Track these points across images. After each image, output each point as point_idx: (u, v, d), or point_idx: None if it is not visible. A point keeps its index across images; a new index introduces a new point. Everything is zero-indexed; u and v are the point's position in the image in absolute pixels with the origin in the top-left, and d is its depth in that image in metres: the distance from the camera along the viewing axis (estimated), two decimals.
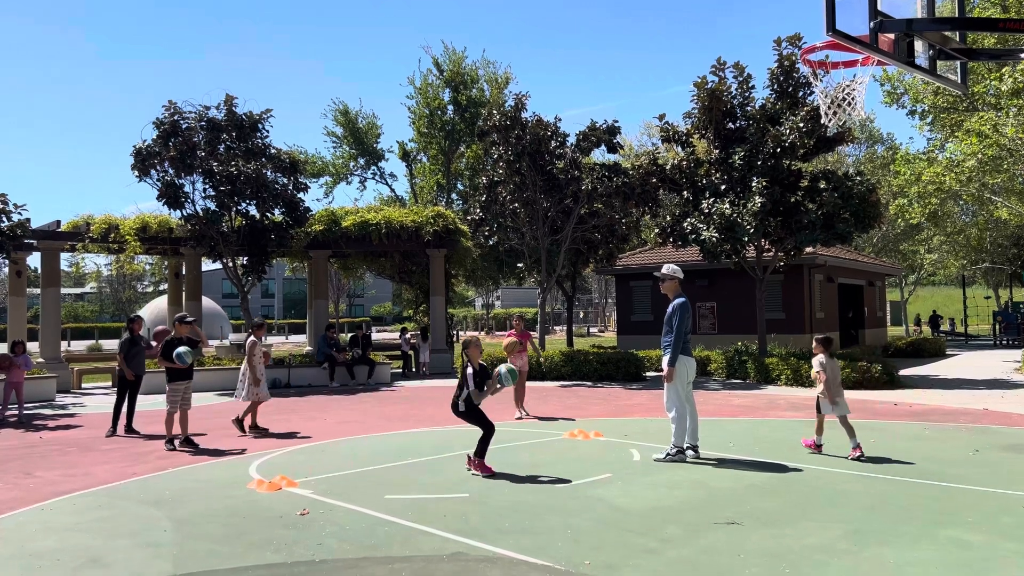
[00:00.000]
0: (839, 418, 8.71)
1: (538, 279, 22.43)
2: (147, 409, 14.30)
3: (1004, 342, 34.50)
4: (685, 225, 18.62)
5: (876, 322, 32.55)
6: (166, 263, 27.09)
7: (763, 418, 12.07)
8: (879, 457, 8.61)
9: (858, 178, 17.87)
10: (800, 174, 18.16)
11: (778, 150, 17.60)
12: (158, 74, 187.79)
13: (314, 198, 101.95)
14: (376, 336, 39.84)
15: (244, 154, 19.46)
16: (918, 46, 5.51)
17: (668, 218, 19.42)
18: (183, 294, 23.61)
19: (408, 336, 24.66)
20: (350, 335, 22.25)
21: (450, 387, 18.43)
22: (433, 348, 22.97)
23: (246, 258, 20.65)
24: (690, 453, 8.63)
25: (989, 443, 9.42)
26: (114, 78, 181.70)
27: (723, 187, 18.33)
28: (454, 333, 36.45)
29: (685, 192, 19.25)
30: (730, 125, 18.86)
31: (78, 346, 44.87)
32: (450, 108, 39.25)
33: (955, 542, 5.47)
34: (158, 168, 19.07)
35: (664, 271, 8.79)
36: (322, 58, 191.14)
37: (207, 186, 19.41)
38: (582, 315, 70.46)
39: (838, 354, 18.30)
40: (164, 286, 44.56)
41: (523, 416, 12.55)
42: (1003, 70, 19.12)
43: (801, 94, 18.24)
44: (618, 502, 6.80)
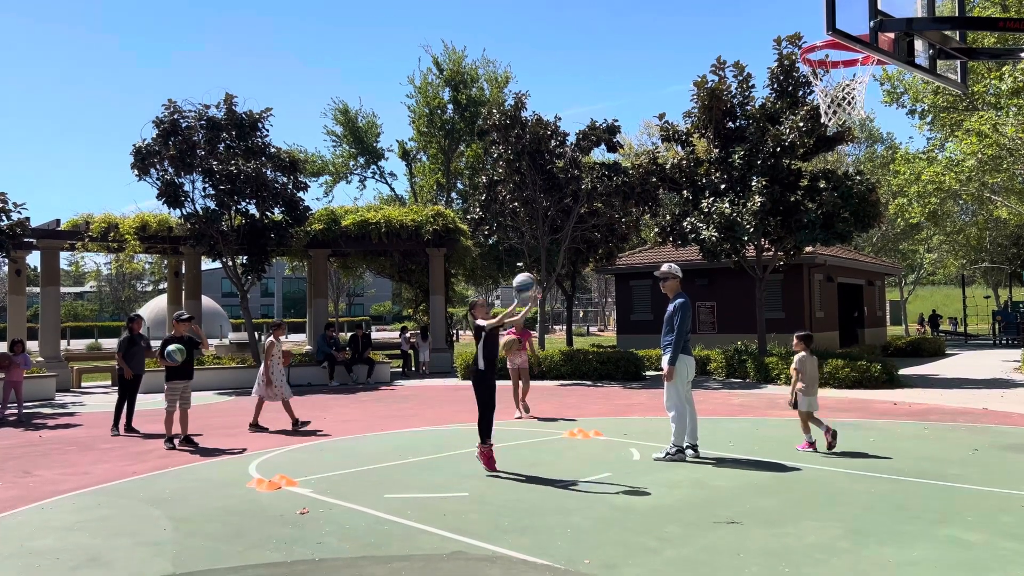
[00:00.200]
0: (803, 412, 9.01)
1: (538, 278, 22.42)
2: (147, 408, 14.31)
3: (1003, 341, 34.51)
4: (685, 224, 18.62)
5: (875, 321, 32.56)
6: (166, 262, 27.11)
7: (763, 417, 12.07)
8: (880, 456, 8.62)
9: (858, 177, 17.87)
10: (800, 173, 18.17)
11: (778, 149, 17.61)
12: (158, 72, 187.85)
13: (314, 197, 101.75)
14: (376, 335, 39.89)
15: (244, 153, 19.47)
16: (918, 45, 5.51)
17: (668, 217, 19.43)
18: (183, 293, 23.61)
19: (408, 335, 24.67)
20: (350, 335, 22.24)
21: (450, 386, 18.52)
22: (433, 347, 22.98)
23: (246, 257, 20.66)
24: (690, 452, 8.63)
25: (989, 442, 9.42)
26: (114, 77, 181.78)
27: (723, 186, 18.33)
28: (454, 332, 36.48)
29: (685, 191, 19.26)
30: (730, 124, 18.87)
31: (77, 345, 44.87)
32: (450, 107, 39.23)
33: (954, 541, 5.48)
34: (158, 167, 19.08)
35: (664, 270, 8.77)
36: (322, 57, 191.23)
37: (207, 185, 19.42)
38: (582, 314, 70.47)
39: (837, 353, 18.36)
40: (164, 285, 44.57)
41: (522, 415, 12.55)
42: (1003, 69, 19.12)
43: (801, 93, 18.25)
44: (618, 501, 6.80)
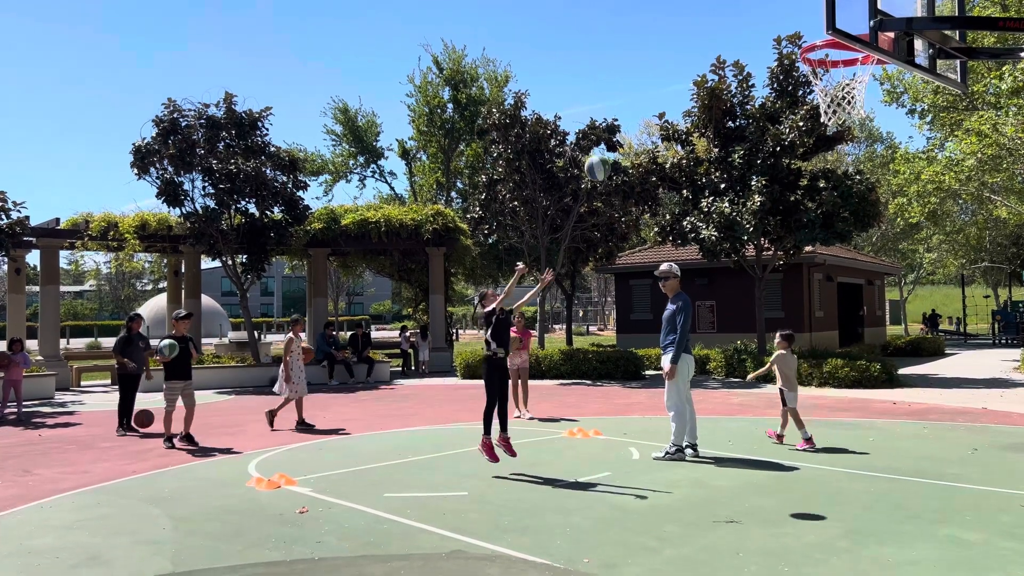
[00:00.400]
0: (789, 409, 9.35)
1: (537, 277, 22.42)
2: (148, 407, 14.29)
3: (1003, 341, 34.52)
4: (684, 224, 18.62)
5: (875, 321, 32.58)
6: (165, 261, 27.10)
7: (762, 417, 12.07)
8: (879, 456, 8.62)
9: (857, 177, 17.88)
10: (800, 173, 18.17)
11: (778, 149, 17.61)
12: (158, 71, 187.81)
13: (313, 196, 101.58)
14: (375, 334, 39.88)
15: (243, 152, 19.46)
16: (918, 45, 5.50)
17: (668, 217, 19.43)
18: (182, 292, 23.61)
19: (408, 335, 24.68)
20: (350, 334, 22.25)
21: (450, 386, 18.51)
22: (433, 346, 22.97)
23: (245, 256, 20.65)
24: (689, 452, 8.64)
25: (988, 442, 9.43)
26: (114, 75, 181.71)
27: (723, 186, 18.33)
28: (453, 332, 36.47)
29: (685, 191, 19.25)
30: (730, 124, 18.87)
31: (77, 344, 44.86)
32: (449, 106, 39.20)
33: (954, 541, 5.48)
34: (157, 166, 19.08)
35: (664, 270, 8.74)
36: (321, 56, 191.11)
37: (206, 184, 19.42)
38: (581, 314, 70.44)
39: (837, 352, 18.37)
40: (163, 284, 44.57)
41: (521, 415, 12.54)
42: (1003, 69, 19.12)
43: (801, 93, 18.25)
44: (617, 501, 6.80)
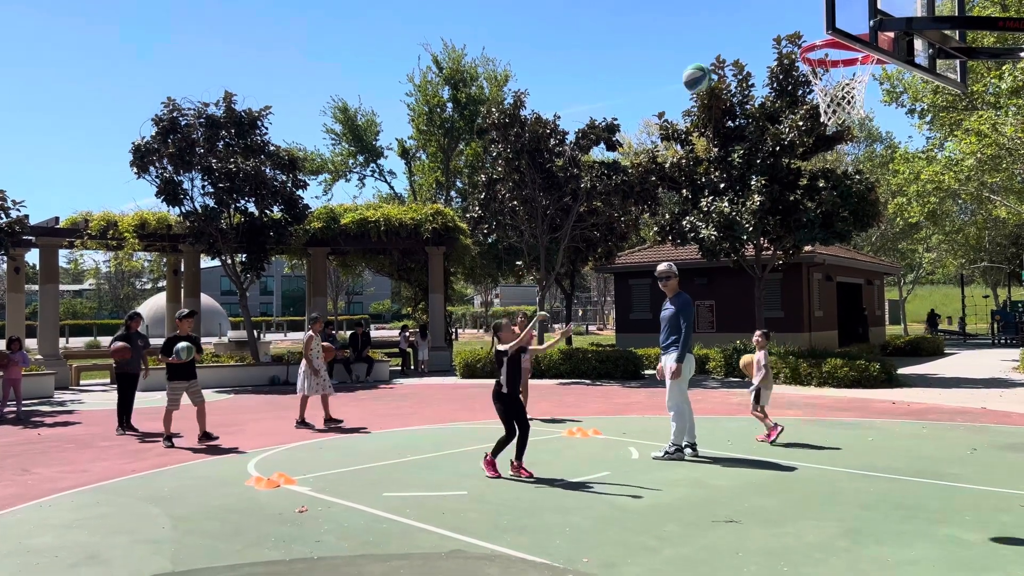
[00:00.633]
0: (761, 407, 9.67)
1: (537, 277, 22.42)
2: (145, 406, 14.30)
3: (1002, 341, 34.53)
4: (684, 223, 18.62)
5: (874, 321, 32.59)
6: (165, 260, 27.10)
7: None
8: (878, 456, 8.63)
9: (857, 177, 17.88)
10: (799, 173, 18.17)
11: (777, 148, 17.62)
12: (158, 68, 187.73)
13: (313, 195, 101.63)
14: (375, 334, 39.88)
15: (243, 151, 19.46)
16: (918, 45, 5.50)
17: (667, 216, 19.43)
18: (181, 291, 23.61)
19: (407, 334, 24.68)
20: (350, 333, 22.25)
21: (449, 385, 18.51)
22: (432, 346, 22.97)
23: (245, 255, 20.65)
24: (688, 451, 8.64)
25: (987, 442, 9.43)
26: (114, 73, 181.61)
27: (722, 185, 18.34)
28: (453, 331, 36.48)
29: (684, 190, 19.26)
30: (729, 123, 18.87)
31: (76, 343, 44.84)
32: (449, 106, 39.19)
33: (953, 541, 5.48)
34: (157, 165, 19.06)
35: (666, 269, 8.71)
36: (321, 54, 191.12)
37: (206, 183, 19.41)
38: (581, 313, 70.47)
39: (836, 352, 18.38)
40: (163, 283, 44.56)
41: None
42: (1003, 69, 19.12)
43: (800, 92, 18.25)
44: (617, 500, 6.80)
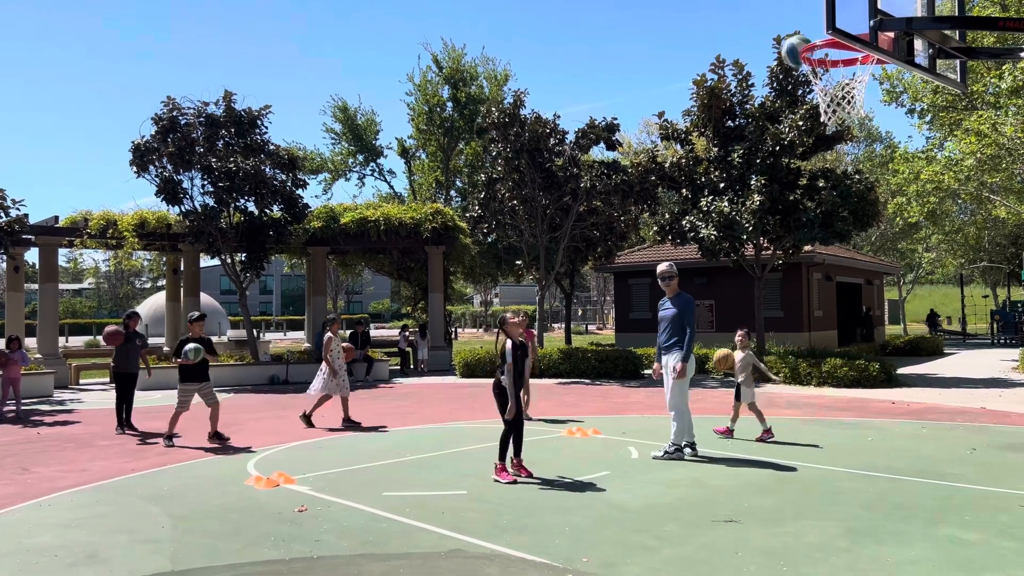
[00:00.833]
0: (748, 404, 9.86)
1: (537, 277, 22.42)
2: (145, 405, 14.31)
3: (1002, 341, 34.55)
4: (684, 223, 18.62)
5: (874, 320, 32.59)
6: (164, 259, 27.09)
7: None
8: (878, 456, 8.63)
9: (857, 176, 17.88)
10: (799, 172, 18.17)
11: (777, 148, 17.62)
12: (157, 66, 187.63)
13: (313, 195, 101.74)
14: (374, 333, 39.86)
15: (243, 150, 19.45)
16: (918, 45, 5.51)
17: (667, 216, 19.42)
18: (181, 290, 23.60)
19: (407, 333, 24.67)
20: (349, 332, 22.25)
21: (449, 384, 18.51)
22: (432, 345, 22.97)
23: (244, 254, 20.64)
24: (688, 451, 8.64)
25: (987, 442, 9.43)
26: (114, 71, 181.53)
27: (722, 185, 18.34)
28: (452, 331, 36.47)
29: (684, 190, 19.25)
30: (729, 123, 18.87)
31: (76, 342, 44.82)
32: (449, 105, 39.20)
33: (952, 540, 5.48)
34: (157, 164, 19.06)
35: (668, 269, 8.69)
36: (321, 54, 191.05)
37: (206, 182, 19.40)
38: (580, 313, 70.47)
39: (836, 352, 18.37)
40: (162, 282, 44.53)
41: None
42: (1002, 69, 19.12)
43: (800, 92, 18.24)
44: (616, 500, 6.80)
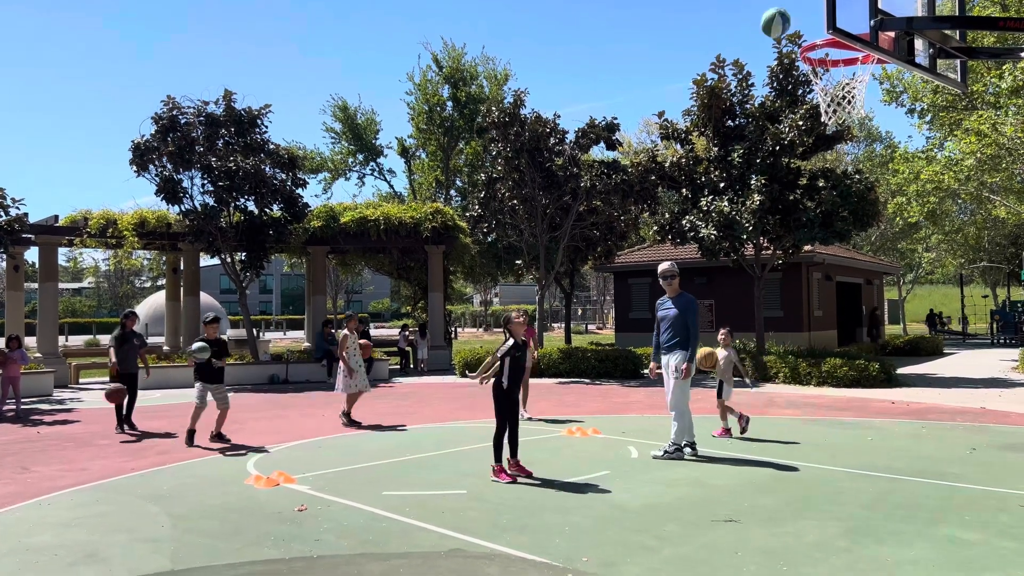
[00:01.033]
0: (725, 401, 10.01)
1: (536, 276, 22.42)
2: (146, 405, 14.30)
3: (1001, 341, 34.55)
4: (684, 223, 18.62)
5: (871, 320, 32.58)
6: (164, 258, 27.09)
7: (761, 416, 12.07)
8: (878, 455, 8.63)
9: (857, 176, 17.87)
10: (799, 172, 18.17)
11: (777, 148, 17.61)
12: (157, 65, 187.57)
13: (312, 194, 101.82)
14: (374, 332, 39.85)
15: (243, 150, 19.45)
16: (918, 44, 5.51)
17: (667, 215, 19.42)
18: (181, 289, 23.60)
19: (407, 333, 24.68)
20: None
21: (448, 384, 18.50)
22: (431, 345, 22.97)
23: (244, 254, 20.64)
24: (688, 451, 8.64)
25: (987, 442, 9.43)
26: (113, 70, 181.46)
27: (722, 185, 18.33)
28: (452, 330, 36.46)
29: (684, 190, 19.25)
30: (729, 123, 18.86)
31: (76, 341, 44.83)
32: (449, 104, 39.20)
33: (952, 540, 5.48)
34: (157, 163, 19.06)
35: (670, 268, 8.67)
36: (321, 54, 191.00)
37: (205, 181, 19.40)
38: (580, 312, 70.47)
39: (836, 352, 18.38)
40: (162, 281, 44.54)
41: (521, 415, 12.53)
42: (1003, 69, 19.12)
43: (801, 92, 18.23)
44: (616, 499, 6.80)
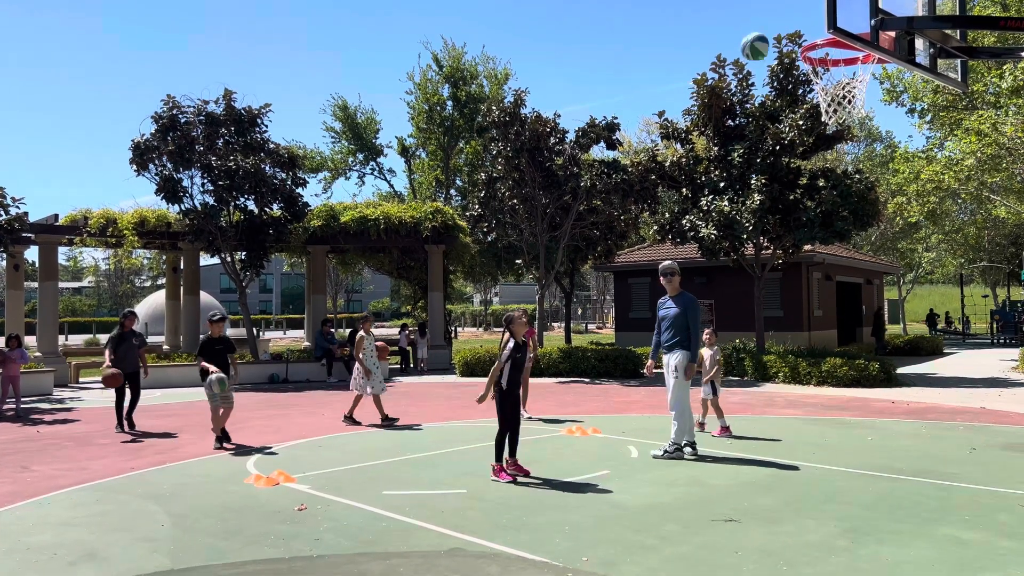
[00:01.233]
0: (709, 400, 10.19)
1: (536, 276, 22.42)
2: (145, 404, 14.30)
3: (1001, 341, 34.56)
4: (684, 222, 18.62)
5: (871, 320, 32.57)
6: (164, 257, 27.09)
7: (761, 415, 12.08)
8: (878, 455, 8.63)
9: (857, 176, 17.87)
10: (799, 172, 18.17)
11: (777, 148, 17.61)
12: (157, 63, 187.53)
13: (312, 193, 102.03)
14: (374, 332, 39.86)
15: (243, 149, 19.44)
16: (919, 44, 5.50)
17: (667, 215, 19.42)
18: (181, 289, 23.59)
19: (407, 332, 24.68)
20: (349, 331, 22.23)
21: (448, 383, 18.51)
22: (431, 344, 22.97)
23: (244, 253, 20.63)
24: (688, 450, 8.64)
25: (986, 441, 9.43)
26: (113, 68, 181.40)
27: (722, 184, 18.33)
28: (452, 329, 36.47)
29: (684, 189, 19.25)
30: (730, 122, 18.86)
31: (76, 340, 44.84)
32: (449, 104, 39.21)
33: (952, 540, 5.48)
34: (156, 162, 19.05)
35: (672, 266, 8.67)
36: (321, 53, 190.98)
37: (205, 181, 19.40)
38: (580, 312, 70.47)
39: (836, 351, 18.38)
40: (162, 280, 44.56)
41: (523, 415, 12.54)
42: (1003, 68, 19.12)
43: (801, 92, 18.24)
44: (616, 499, 6.80)
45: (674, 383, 8.56)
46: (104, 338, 43.39)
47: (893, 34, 5.32)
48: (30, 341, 22.67)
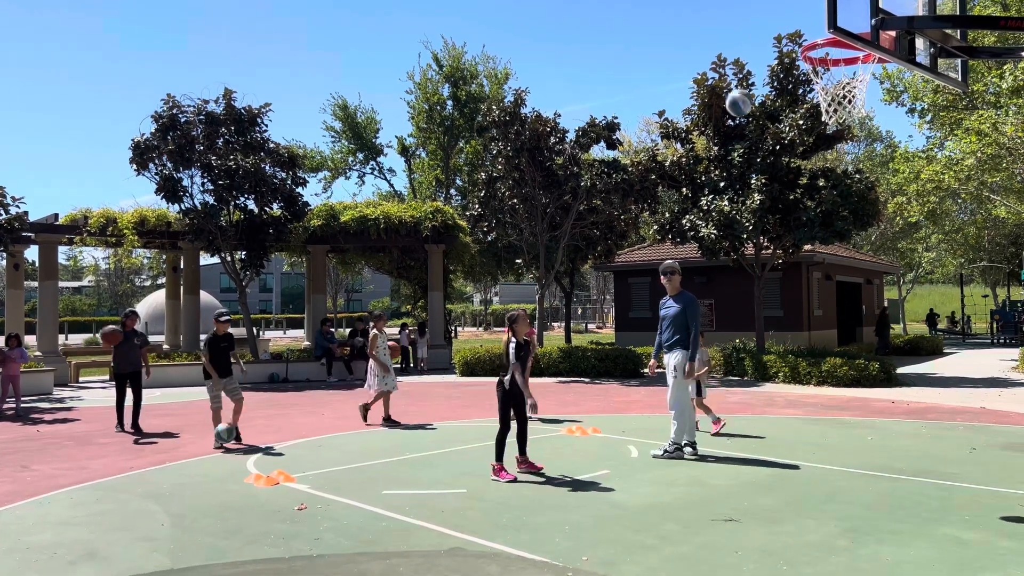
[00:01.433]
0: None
1: (536, 275, 22.41)
2: (146, 404, 14.28)
3: (1001, 341, 34.55)
4: (684, 222, 18.62)
5: (874, 320, 32.57)
6: (164, 257, 27.09)
7: (761, 415, 12.08)
8: (878, 455, 8.63)
9: (857, 176, 17.87)
10: (799, 171, 18.16)
11: (777, 147, 17.61)
12: (157, 63, 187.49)
13: (312, 193, 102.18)
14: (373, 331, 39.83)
15: (243, 148, 19.44)
16: (919, 44, 5.50)
17: (667, 215, 19.42)
18: (181, 288, 23.59)
19: (407, 332, 24.68)
20: (349, 330, 22.24)
21: (448, 383, 18.50)
22: (431, 344, 22.97)
23: (244, 252, 20.64)
24: (688, 450, 8.64)
25: (986, 441, 9.44)
26: (113, 67, 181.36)
27: (722, 184, 18.33)
28: (452, 329, 36.46)
29: (684, 189, 19.25)
30: (730, 122, 18.85)
31: (76, 339, 44.85)
32: (449, 103, 39.21)
33: (952, 540, 5.48)
34: (156, 162, 19.06)
35: (673, 265, 8.67)
36: (321, 52, 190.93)
37: (205, 180, 19.41)
38: (580, 312, 70.44)
39: (836, 351, 18.38)
40: (162, 280, 44.56)
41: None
42: (1003, 68, 19.11)
43: (801, 91, 18.24)
44: (616, 498, 6.80)
45: (674, 382, 8.56)
46: None
47: (893, 34, 5.32)
48: (30, 340, 22.67)
